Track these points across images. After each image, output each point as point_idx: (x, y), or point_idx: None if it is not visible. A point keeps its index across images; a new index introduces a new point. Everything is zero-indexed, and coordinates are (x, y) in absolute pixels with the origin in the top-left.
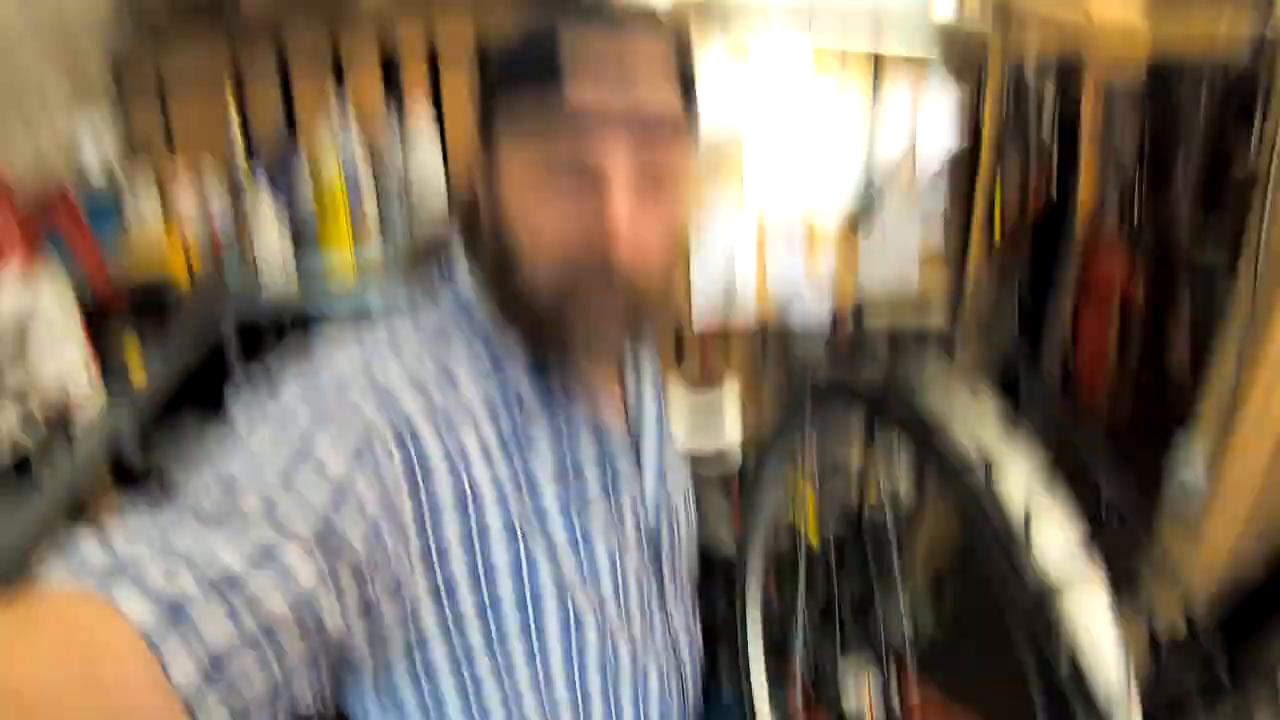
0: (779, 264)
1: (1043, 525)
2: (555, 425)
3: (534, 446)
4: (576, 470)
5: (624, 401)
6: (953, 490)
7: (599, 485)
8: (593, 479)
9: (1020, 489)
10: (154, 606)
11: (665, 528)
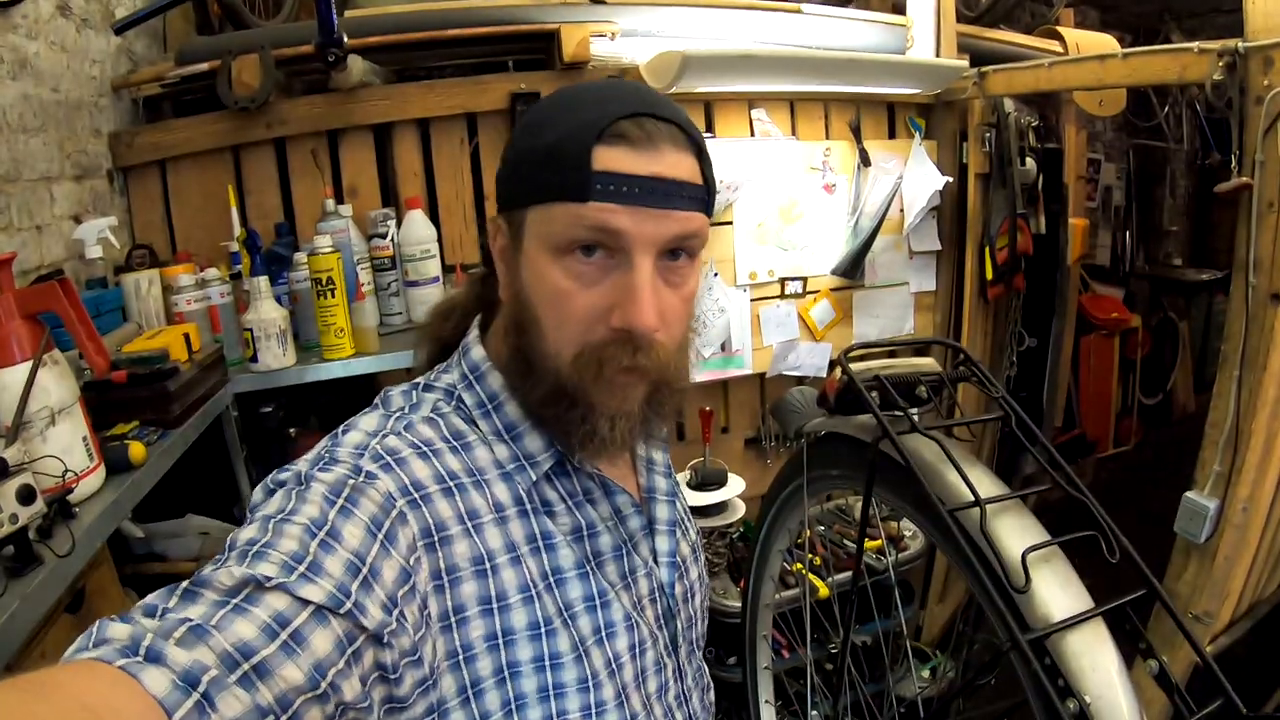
0: (773, 316)
1: (1041, 564)
2: (569, 488)
3: (550, 507)
4: (591, 530)
5: (633, 464)
6: (946, 534)
7: (611, 546)
8: (606, 539)
9: (1015, 529)
10: (172, 677)
11: (679, 584)
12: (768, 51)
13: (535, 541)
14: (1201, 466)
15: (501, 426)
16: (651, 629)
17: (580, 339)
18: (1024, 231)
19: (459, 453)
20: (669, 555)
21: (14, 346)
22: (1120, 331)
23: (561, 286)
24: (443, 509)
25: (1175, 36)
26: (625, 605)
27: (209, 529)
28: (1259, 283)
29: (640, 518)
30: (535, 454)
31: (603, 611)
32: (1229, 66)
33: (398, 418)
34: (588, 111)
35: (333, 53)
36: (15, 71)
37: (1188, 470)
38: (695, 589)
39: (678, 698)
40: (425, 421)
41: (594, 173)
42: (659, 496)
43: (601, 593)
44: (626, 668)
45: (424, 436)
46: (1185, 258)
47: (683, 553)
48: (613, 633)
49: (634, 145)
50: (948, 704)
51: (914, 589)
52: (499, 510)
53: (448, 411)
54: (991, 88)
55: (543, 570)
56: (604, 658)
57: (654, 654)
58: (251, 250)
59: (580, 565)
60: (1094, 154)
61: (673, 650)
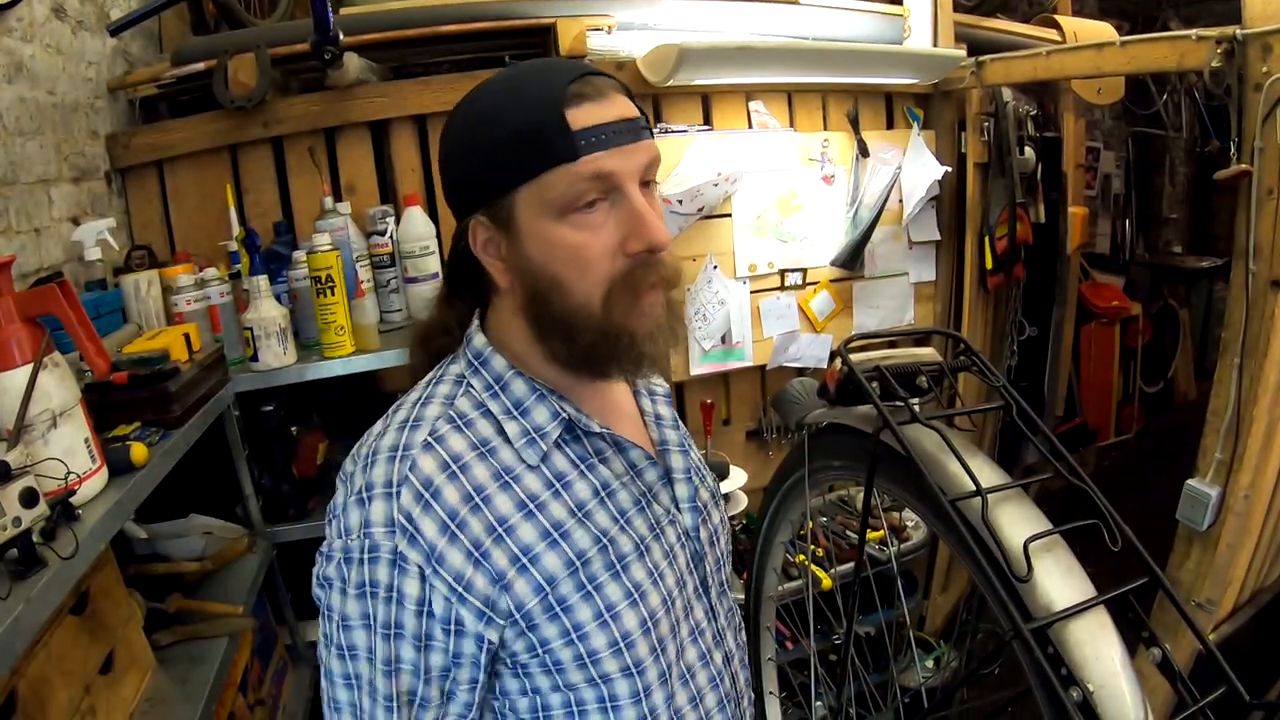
0: (773, 308)
1: (1043, 553)
2: (580, 452)
3: (564, 478)
4: (607, 490)
5: (643, 421)
6: (948, 524)
7: (632, 500)
8: (624, 494)
9: (1017, 518)
10: None
11: (704, 529)
12: (765, 43)
13: (576, 515)
14: (1203, 454)
15: (510, 404)
16: (682, 574)
17: (606, 279)
18: (1023, 220)
19: (486, 459)
20: (689, 501)
21: (14, 350)
22: (1121, 320)
23: (576, 240)
24: (475, 527)
25: (1173, 24)
26: (657, 555)
27: (212, 528)
28: (1259, 269)
29: (656, 469)
30: (543, 425)
31: (640, 563)
32: (1227, 53)
33: (414, 426)
34: (536, 90)
35: (329, 50)
36: (11, 75)
37: (1189, 458)
38: (719, 533)
39: (715, 636)
40: (452, 429)
41: (575, 132)
42: (671, 448)
43: (622, 557)
44: (662, 621)
45: (454, 450)
46: (1185, 245)
47: (702, 498)
48: (643, 593)
49: (594, 99)
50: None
51: (916, 579)
52: (533, 500)
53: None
54: (989, 77)
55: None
56: (638, 618)
57: (683, 599)
58: (250, 249)
59: (613, 521)
60: (1093, 142)
61: (704, 592)
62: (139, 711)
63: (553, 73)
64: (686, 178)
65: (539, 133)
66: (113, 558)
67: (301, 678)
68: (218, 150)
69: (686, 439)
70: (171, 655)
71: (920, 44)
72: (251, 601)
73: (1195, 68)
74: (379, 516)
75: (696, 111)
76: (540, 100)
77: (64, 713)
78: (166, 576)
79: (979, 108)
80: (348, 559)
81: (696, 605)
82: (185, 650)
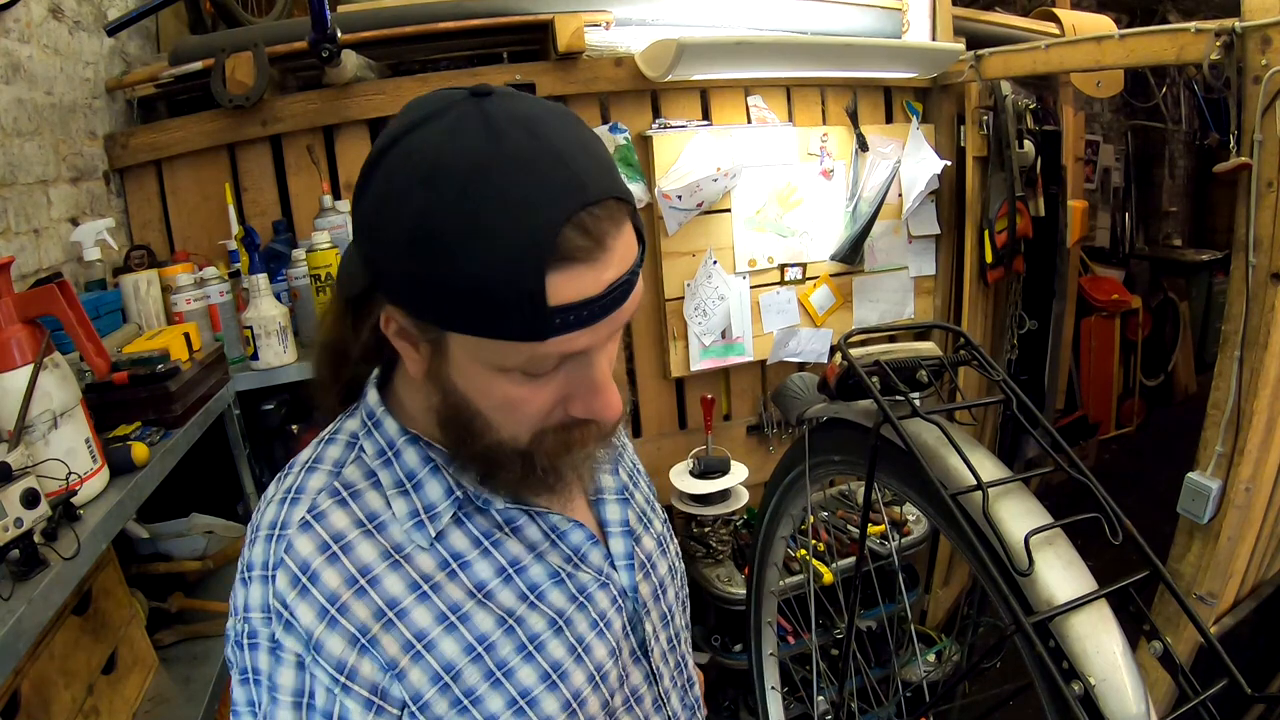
0: (773, 302)
1: (1044, 547)
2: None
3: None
4: (516, 566)
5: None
6: (949, 518)
7: (548, 574)
8: (537, 569)
9: (1018, 512)
10: None
11: (645, 584)
12: (763, 38)
13: (475, 597)
14: (1204, 447)
15: (402, 475)
16: (617, 641)
17: (539, 426)
18: (1023, 214)
19: (373, 536)
20: (626, 558)
21: (14, 351)
22: (1121, 313)
23: (515, 395)
24: (359, 612)
25: (1172, 17)
26: (582, 628)
27: (213, 527)
28: (1259, 262)
29: (582, 530)
30: (435, 504)
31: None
32: (1226, 46)
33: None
34: (517, 222)
35: (326, 48)
36: (9, 76)
37: (1190, 451)
38: (666, 584)
39: (655, 702)
40: (335, 503)
41: (552, 309)
42: (607, 497)
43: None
44: (590, 700)
45: (335, 529)
46: (1185, 238)
47: (645, 549)
48: (564, 673)
49: (587, 259)
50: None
51: (918, 573)
52: (427, 580)
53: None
54: (988, 70)
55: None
56: (560, 700)
57: (618, 669)
58: (250, 248)
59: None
60: (1092, 135)
61: (643, 656)
62: (142, 711)
63: (545, 199)
64: (685, 173)
65: (501, 301)
66: (114, 557)
67: None
68: (216, 149)
69: (634, 478)
70: (174, 654)
71: (919, 38)
72: None
73: (1194, 60)
74: (256, 601)
75: (695, 106)
76: (514, 251)
77: (67, 713)
78: (168, 576)
79: (978, 101)
80: (236, 642)
81: (634, 671)
82: (188, 649)
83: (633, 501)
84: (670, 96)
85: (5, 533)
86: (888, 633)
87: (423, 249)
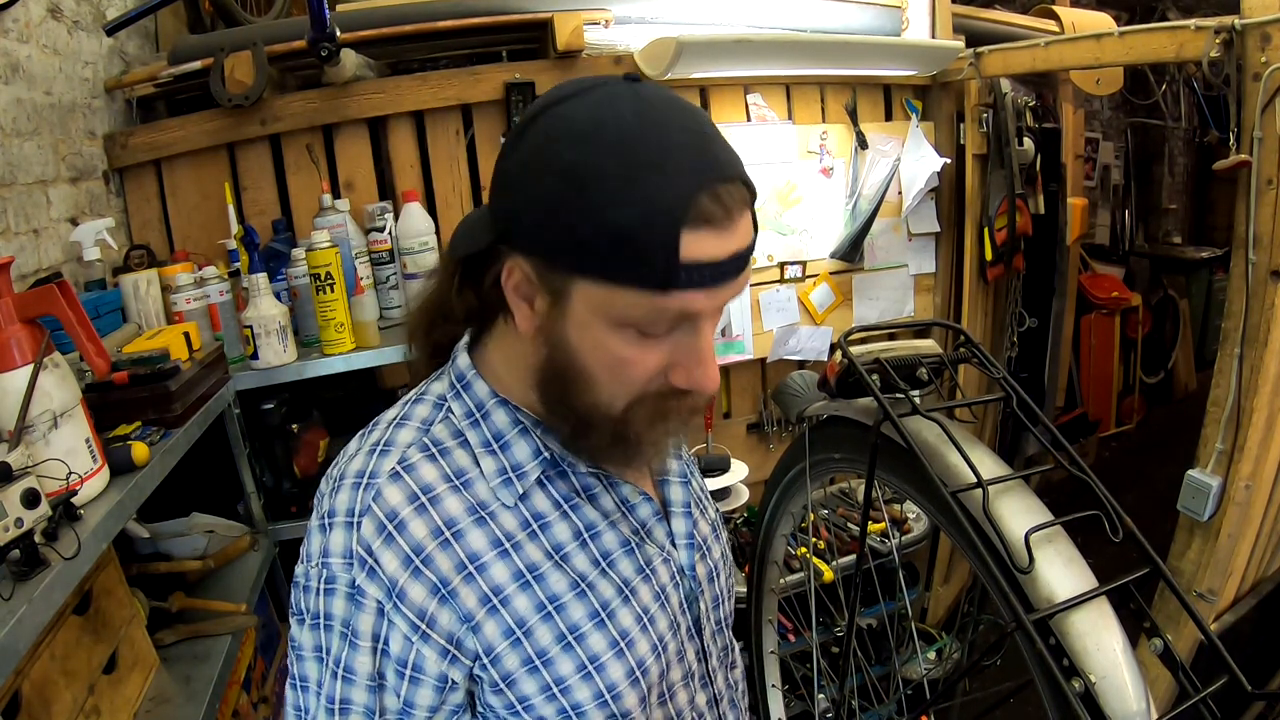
0: (773, 300)
1: (1044, 544)
2: (564, 490)
3: (542, 519)
4: (591, 531)
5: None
6: (949, 515)
7: (619, 541)
8: (610, 536)
9: (1018, 510)
10: None
11: (701, 565)
12: (763, 36)
13: (553, 558)
14: (1204, 444)
15: (490, 435)
16: (675, 616)
17: (639, 392)
18: (1023, 212)
19: (459, 491)
20: (686, 537)
21: (14, 351)
22: (1120, 310)
23: (625, 354)
24: (442, 564)
25: (1172, 14)
26: (646, 598)
27: (214, 527)
28: (1259, 259)
29: (650, 504)
30: (522, 463)
31: (626, 608)
32: (1226, 43)
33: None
34: (663, 181)
35: (325, 47)
36: (8, 76)
37: (1190, 448)
38: (719, 568)
39: (703, 679)
40: (425, 457)
41: (681, 265)
42: (672, 479)
43: (605, 604)
44: (651, 668)
45: (424, 481)
46: (1185, 235)
47: (702, 532)
48: (630, 641)
49: (717, 226)
50: (953, 685)
51: (918, 571)
52: (509, 539)
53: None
54: (988, 68)
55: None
56: (625, 667)
57: (675, 644)
58: (249, 247)
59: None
60: (1092, 133)
61: (696, 633)
62: (143, 710)
63: (687, 164)
64: None
65: (640, 247)
66: (115, 557)
67: None
68: (216, 149)
69: (690, 466)
70: (175, 654)
71: (918, 35)
72: (254, 599)
73: (1194, 58)
74: (338, 546)
75: (694, 104)
76: (660, 206)
77: (68, 713)
78: (169, 575)
79: (978, 99)
80: (306, 587)
81: (689, 647)
82: (188, 649)
83: (692, 486)
84: None
85: (6, 533)
86: (888, 630)
87: (575, 196)
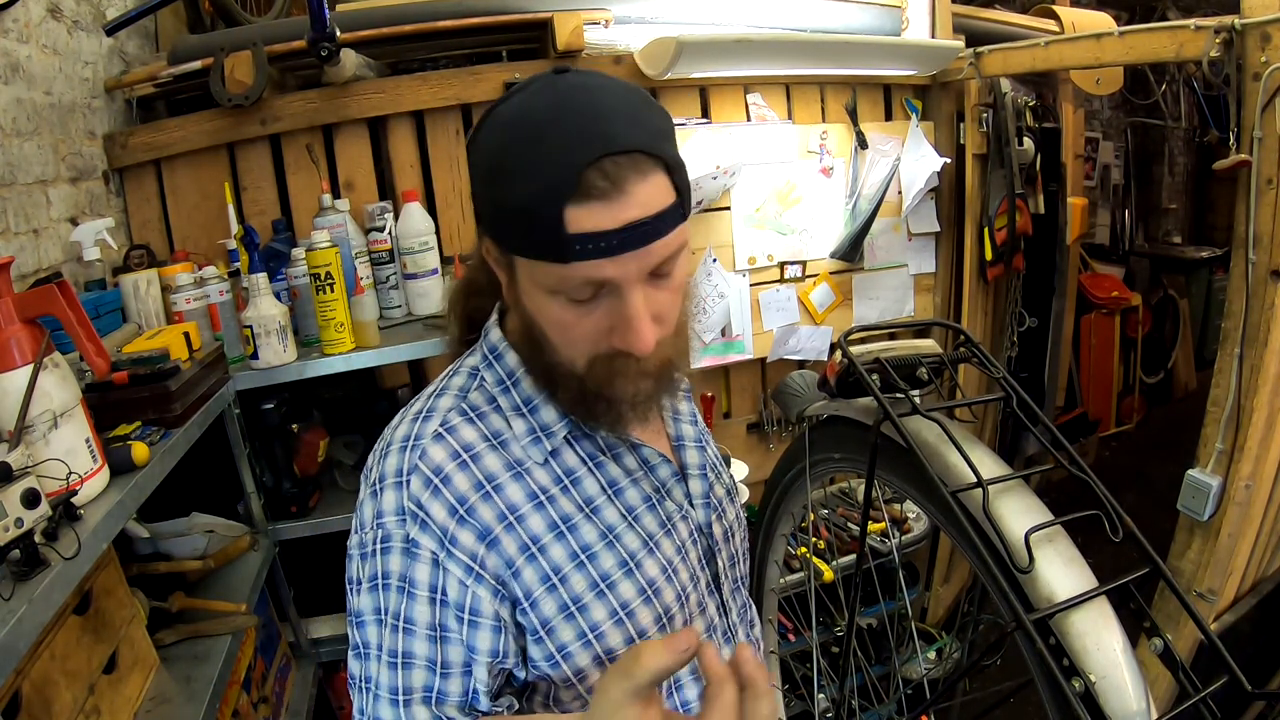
0: (773, 300)
1: (1044, 544)
2: (590, 449)
3: (572, 474)
4: (614, 487)
5: (660, 415)
6: (949, 515)
7: (641, 497)
8: (633, 492)
9: (1018, 509)
10: None
11: (718, 525)
12: (762, 36)
13: (584, 510)
14: (1204, 444)
15: (520, 400)
16: (695, 570)
17: (589, 353)
18: (1023, 211)
19: (497, 450)
20: (703, 497)
21: (14, 351)
22: (1120, 310)
23: (562, 319)
24: (485, 513)
25: (1172, 14)
26: (669, 551)
27: (214, 527)
28: (1259, 259)
29: (669, 466)
30: (550, 424)
31: (651, 559)
32: (1226, 43)
33: (426, 417)
34: (550, 162)
35: (325, 47)
36: (8, 76)
37: (1190, 448)
38: (734, 529)
39: (725, 634)
40: (464, 420)
41: (570, 236)
42: (687, 443)
43: (632, 554)
44: (676, 616)
45: (465, 440)
46: (1184, 235)
47: (717, 494)
48: (657, 589)
49: (603, 198)
50: (953, 685)
51: (918, 571)
52: (544, 492)
53: (475, 396)
54: (988, 68)
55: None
56: (653, 614)
57: (697, 595)
58: (249, 247)
59: (621, 518)
60: (1092, 133)
61: (715, 588)
62: (143, 710)
63: (573, 143)
64: None
65: (534, 223)
66: (115, 557)
67: (305, 674)
68: (215, 149)
69: (704, 434)
70: (175, 654)
71: (918, 35)
72: (254, 599)
73: (1194, 58)
74: (390, 505)
75: (694, 104)
76: (546, 184)
77: (68, 713)
78: (169, 575)
79: (977, 99)
80: (363, 555)
81: (709, 601)
82: (189, 649)
83: (707, 451)
84: (669, 94)
85: (6, 533)
86: (888, 630)
87: (490, 181)
